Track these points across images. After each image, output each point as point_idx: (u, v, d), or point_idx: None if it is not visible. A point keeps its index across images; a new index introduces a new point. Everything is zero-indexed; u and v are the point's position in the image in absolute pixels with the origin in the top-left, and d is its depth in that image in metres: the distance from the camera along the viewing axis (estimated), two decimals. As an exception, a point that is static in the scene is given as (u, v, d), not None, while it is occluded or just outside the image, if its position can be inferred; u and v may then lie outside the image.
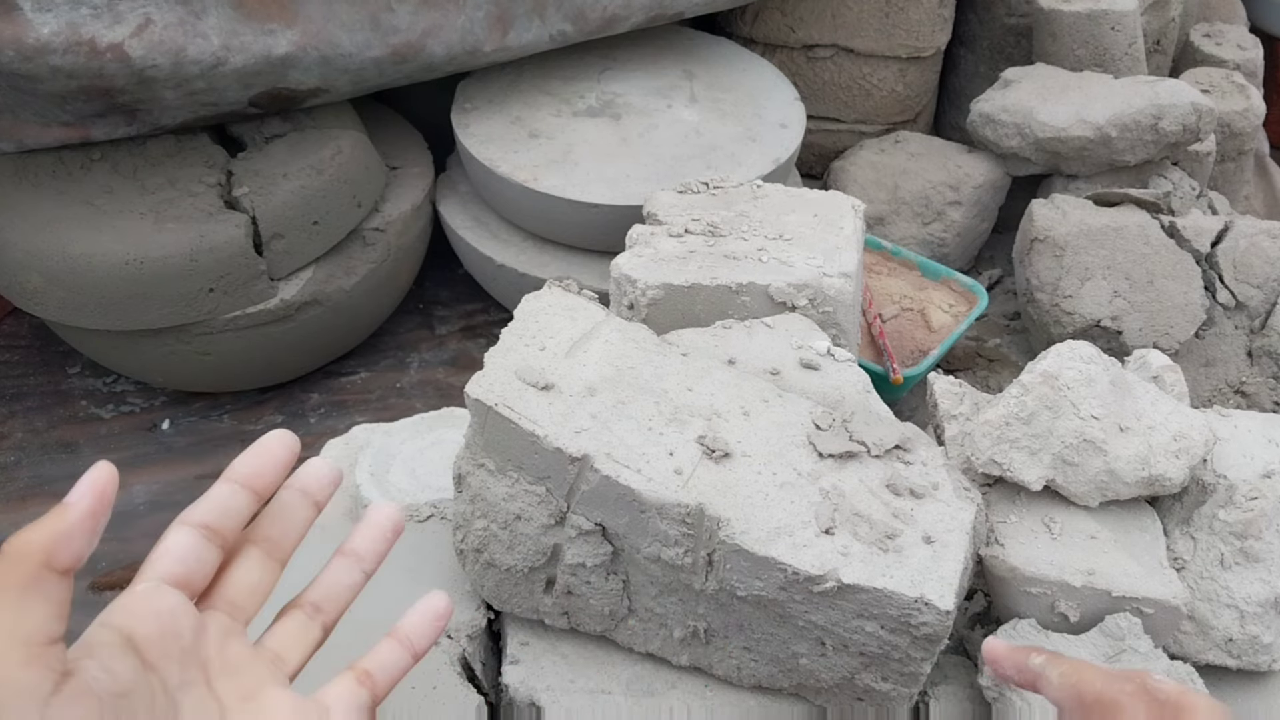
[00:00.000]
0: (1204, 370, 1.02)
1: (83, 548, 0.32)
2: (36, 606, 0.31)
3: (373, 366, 1.14)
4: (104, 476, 0.33)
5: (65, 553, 0.32)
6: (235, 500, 0.38)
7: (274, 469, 0.39)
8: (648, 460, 0.57)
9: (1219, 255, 1.01)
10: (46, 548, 0.31)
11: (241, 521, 0.39)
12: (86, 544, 0.32)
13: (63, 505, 0.32)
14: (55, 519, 0.32)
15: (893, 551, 0.55)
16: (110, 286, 0.90)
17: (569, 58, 1.14)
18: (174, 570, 0.36)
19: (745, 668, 0.63)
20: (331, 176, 0.98)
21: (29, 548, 0.31)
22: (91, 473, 0.33)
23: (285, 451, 0.40)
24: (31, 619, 0.31)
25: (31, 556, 0.31)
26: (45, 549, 0.31)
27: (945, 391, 0.71)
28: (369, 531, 0.43)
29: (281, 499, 0.41)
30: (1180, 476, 0.62)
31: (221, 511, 0.38)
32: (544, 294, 0.67)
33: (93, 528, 0.32)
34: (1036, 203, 1.06)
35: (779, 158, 1.05)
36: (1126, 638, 0.59)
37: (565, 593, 0.63)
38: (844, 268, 0.74)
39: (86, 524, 0.32)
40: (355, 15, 0.92)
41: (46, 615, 0.31)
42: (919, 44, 1.26)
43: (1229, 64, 1.35)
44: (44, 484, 1.00)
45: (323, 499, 0.42)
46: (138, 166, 0.95)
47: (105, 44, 0.81)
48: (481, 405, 0.58)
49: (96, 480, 0.33)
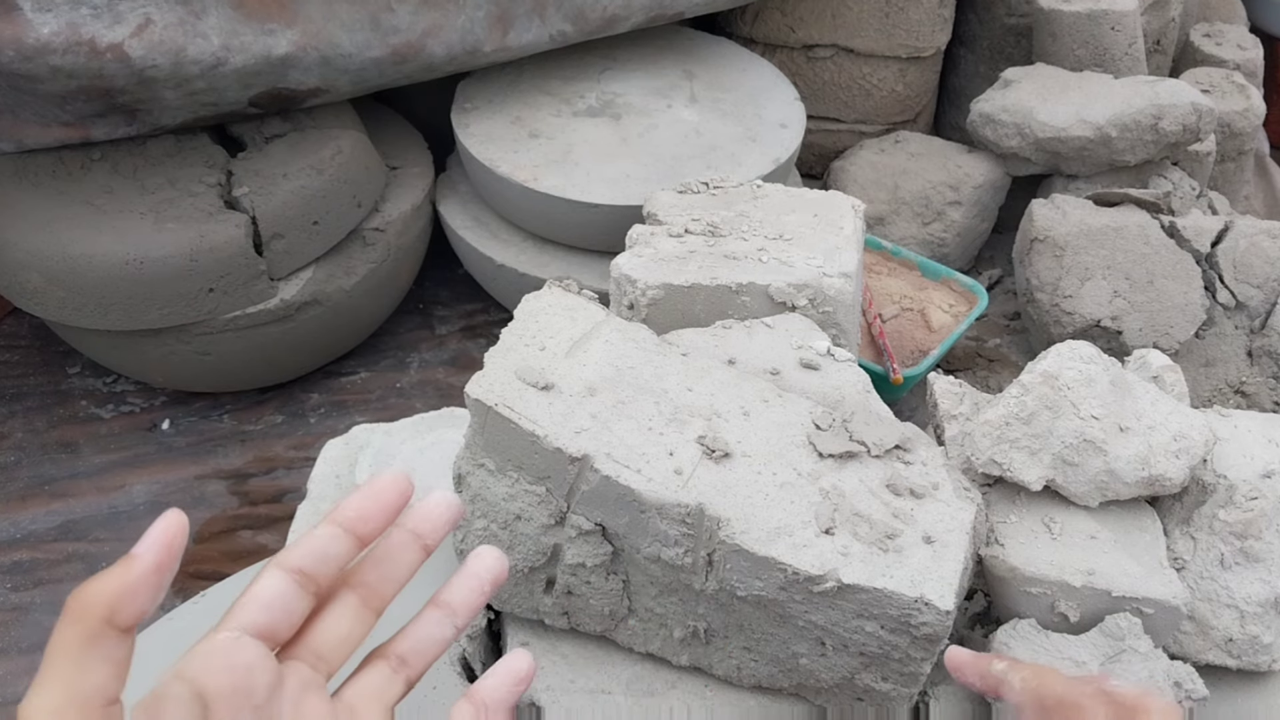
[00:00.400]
0: (1204, 370, 1.02)
1: (148, 604, 0.31)
2: (96, 667, 0.30)
3: (373, 366, 1.14)
4: (173, 527, 0.31)
5: (129, 610, 0.30)
6: (336, 546, 0.36)
7: (382, 514, 0.37)
8: (648, 460, 0.57)
9: (1219, 255, 1.01)
10: (110, 604, 0.30)
11: (339, 568, 0.36)
12: (152, 600, 0.31)
13: (129, 557, 0.31)
14: (121, 573, 0.30)
15: (893, 551, 0.54)
16: (110, 286, 0.90)
17: (569, 58, 1.15)
18: (258, 620, 0.34)
19: (745, 668, 0.63)
20: (331, 176, 0.98)
21: (92, 604, 0.30)
22: (160, 522, 0.31)
23: (397, 496, 0.37)
24: (91, 680, 0.30)
25: (94, 613, 0.30)
26: (109, 605, 0.30)
27: (945, 391, 0.71)
28: (467, 583, 0.40)
29: (389, 541, 0.38)
30: (1180, 476, 0.62)
31: (320, 557, 0.36)
32: (544, 294, 0.67)
33: (158, 583, 0.31)
34: (1036, 203, 1.06)
35: (779, 158, 1.05)
36: (1126, 638, 0.59)
37: (565, 593, 0.63)
38: (844, 268, 0.74)
39: (152, 579, 0.31)
40: (355, 15, 0.92)
41: (106, 676, 0.30)
42: (919, 44, 1.26)
43: (1229, 64, 1.35)
44: (44, 484, 1.00)
45: (434, 542, 0.39)
46: (138, 166, 0.95)
47: (105, 44, 0.81)
48: (481, 405, 0.58)
49: (165, 531, 0.31)
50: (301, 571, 0.35)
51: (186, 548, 0.89)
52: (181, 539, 0.31)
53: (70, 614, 0.30)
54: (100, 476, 1.01)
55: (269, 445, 1.05)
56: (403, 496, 0.37)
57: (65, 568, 0.93)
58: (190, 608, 0.69)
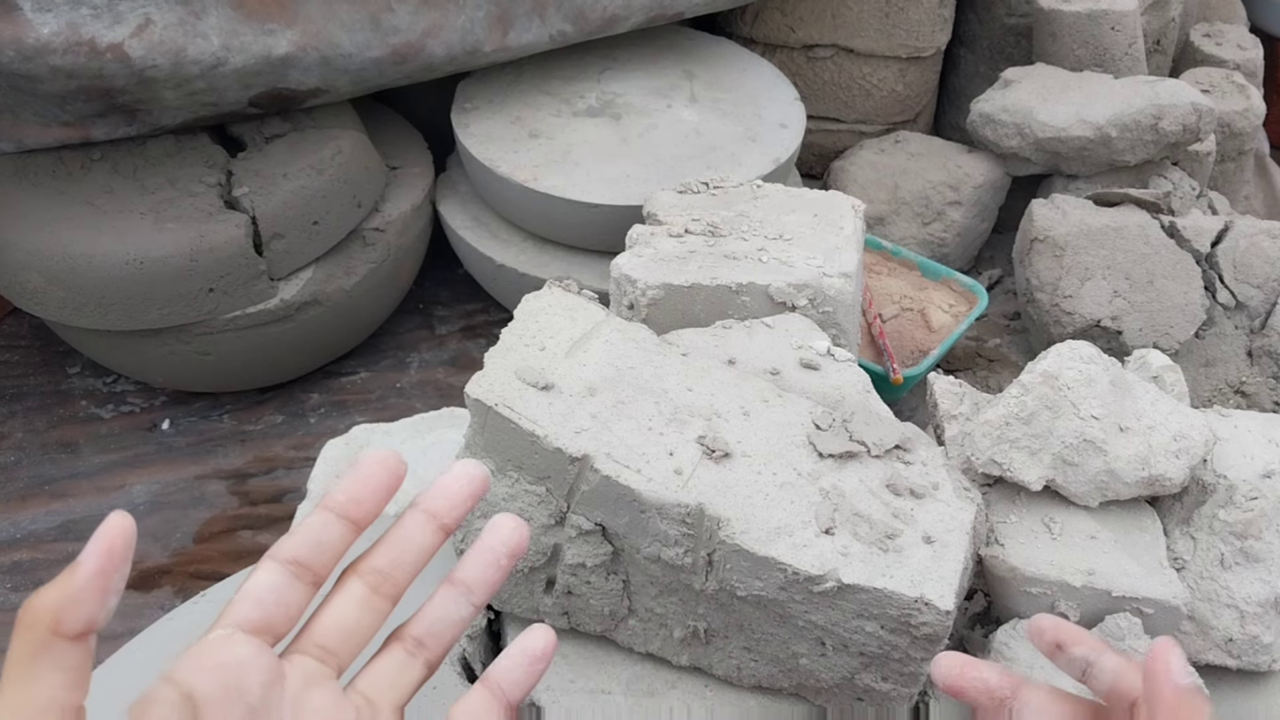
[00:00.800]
0: (1204, 370, 1.02)
1: (95, 610, 0.30)
2: (47, 676, 0.29)
3: (373, 366, 1.14)
4: (113, 530, 0.30)
5: (74, 618, 0.29)
6: (330, 531, 0.35)
7: (374, 495, 0.36)
8: (648, 460, 0.57)
9: (1219, 255, 1.01)
10: (55, 613, 0.29)
11: (337, 555, 0.35)
12: (98, 605, 0.30)
13: (73, 565, 0.30)
14: (64, 581, 0.30)
15: (893, 551, 0.54)
16: (110, 286, 0.90)
17: (569, 58, 1.14)
18: (251, 615, 0.33)
19: (745, 668, 0.63)
20: (331, 176, 0.98)
21: (39, 614, 0.29)
22: (102, 527, 0.30)
23: (388, 475, 0.36)
24: (43, 690, 0.29)
25: (41, 623, 0.29)
26: (54, 615, 0.29)
27: (945, 391, 0.71)
28: (482, 557, 0.38)
29: (402, 523, 0.37)
30: (1180, 476, 0.62)
31: (314, 545, 0.35)
32: (544, 294, 0.67)
33: (103, 587, 0.30)
34: (1036, 203, 1.06)
35: (779, 158, 1.05)
36: (1126, 638, 0.59)
37: (565, 593, 0.63)
38: (844, 268, 0.74)
39: (95, 584, 0.30)
40: (355, 15, 0.92)
41: (58, 684, 0.29)
42: (919, 44, 1.26)
43: (1229, 64, 1.35)
44: (44, 484, 1.00)
45: (452, 521, 0.37)
46: (138, 166, 0.95)
47: (105, 44, 0.81)
48: (481, 405, 0.58)
49: (106, 536, 0.30)
50: (296, 561, 0.34)
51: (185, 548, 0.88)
52: (124, 541, 0.30)
53: (20, 625, 0.30)
54: (100, 476, 1.01)
55: (269, 445, 1.05)
56: (393, 475, 0.36)
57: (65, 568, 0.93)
58: (190, 608, 0.69)
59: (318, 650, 0.35)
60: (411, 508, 0.37)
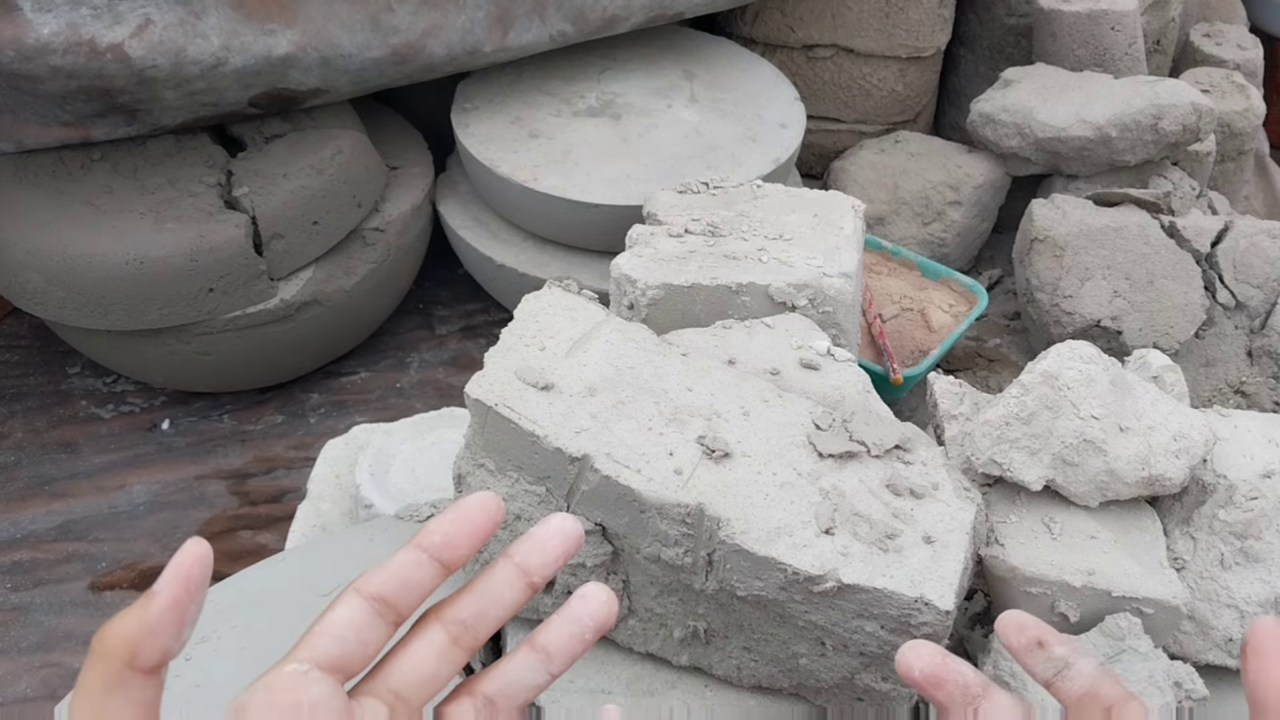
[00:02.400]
0: (1204, 370, 1.02)
1: (170, 642, 0.29)
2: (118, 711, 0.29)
3: (373, 366, 1.14)
4: (189, 558, 0.30)
5: (150, 651, 0.29)
6: (420, 572, 0.34)
7: (469, 540, 0.34)
8: (648, 460, 0.57)
9: (1219, 255, 1.01)
10: (130, 646, 0.29)
11: (423, 596, 0.34)
12: (174, 638, 0.30)
13: (148, 595, 0.30)
14: (139, 612, 0.29)
15: (893, 551, 0.54)
16: (110, 286, 0.90)
17: (569, 58, 1.15)
18: (331, 652, 0.32)
19: (745, 668, 0.63)
20: (331, 176, 0.98)
21: (114, 646, 0.29)
22: (178, 556, 0.30)
23: (486, 519, 0.34)
24: None
25: (116, 656, 0.29)
26: (129, 648, 0.29)
27: (945, 391, 0.71)
28: (568, 627, 0.35)
29: (492, 574, 0.35)
30: (1180, 476, 0.62)
31: (401, 583, 0.33)
32: (544, 294, 0.67)
33: (179, 619, 0.30)
34: (1036, 203, 1.06)
35: (779, 158, 1.05)
36: (1126, 638, 0.59)
37: (565, 593, 0.63)
38: (844, 268, 0.74)
39: (171, 615, 0.29)
40: (355, 15, 0.92)
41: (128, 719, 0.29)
42: (919, 44, 1.26)
43: (1229, 64, 1.35)
44: (44, 484, 1.00)
45: (541, 580, 0.35)
46: (138, 166, 0.95)
47: (105, 44, 0.81)
48: (481, 405, 0.58)
49: (181, 565, 0.30)
50: (381, 599, 0.33)
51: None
52: (201, 570, 0.30)
53: (94, 656, 0.29)
54: (100, 476, 1.01)
55: (269, 445, 1.05)
56: (491, 519, 0.35)
57: (65, 568, 0.93)
58: (190, 608, 0.69)
59: (390, 696, 0.34)
60: (504, 557, 0.35)
